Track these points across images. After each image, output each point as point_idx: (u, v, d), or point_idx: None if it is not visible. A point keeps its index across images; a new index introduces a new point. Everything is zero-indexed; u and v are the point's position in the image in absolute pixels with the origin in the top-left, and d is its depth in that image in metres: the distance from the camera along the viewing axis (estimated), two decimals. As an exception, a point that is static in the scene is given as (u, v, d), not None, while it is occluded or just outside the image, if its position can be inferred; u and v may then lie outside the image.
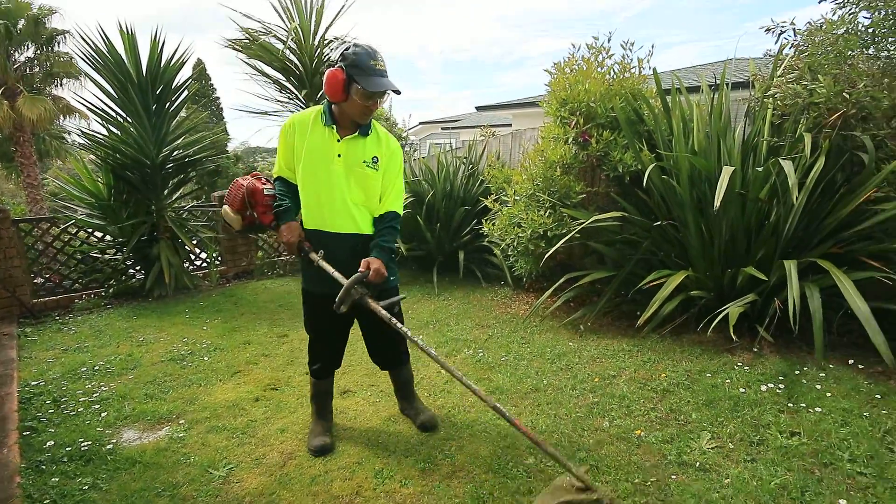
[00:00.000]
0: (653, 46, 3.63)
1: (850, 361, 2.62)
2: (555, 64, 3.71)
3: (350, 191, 1.95)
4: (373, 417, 2.39)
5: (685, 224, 3.12)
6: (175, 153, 5.04)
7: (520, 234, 3.71)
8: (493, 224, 4.07)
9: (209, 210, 5.52)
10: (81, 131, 4.81)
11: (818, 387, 2.40)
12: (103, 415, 2.51)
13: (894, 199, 2.51)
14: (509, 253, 4.01)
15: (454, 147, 6.78)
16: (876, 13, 2.68)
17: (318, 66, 5.37)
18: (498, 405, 1.71)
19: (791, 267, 2.50)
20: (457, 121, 20.99)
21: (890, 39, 2.69)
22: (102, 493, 1.90)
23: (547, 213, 3.59)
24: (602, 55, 3.56)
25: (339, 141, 1.93)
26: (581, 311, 3.63)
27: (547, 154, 3.68)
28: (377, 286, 1.89)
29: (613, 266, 3.64)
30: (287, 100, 5.67)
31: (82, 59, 4.49)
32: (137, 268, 5.06)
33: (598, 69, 3.56)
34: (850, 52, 2.66)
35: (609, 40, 3.56)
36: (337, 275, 1.87)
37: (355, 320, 2.17)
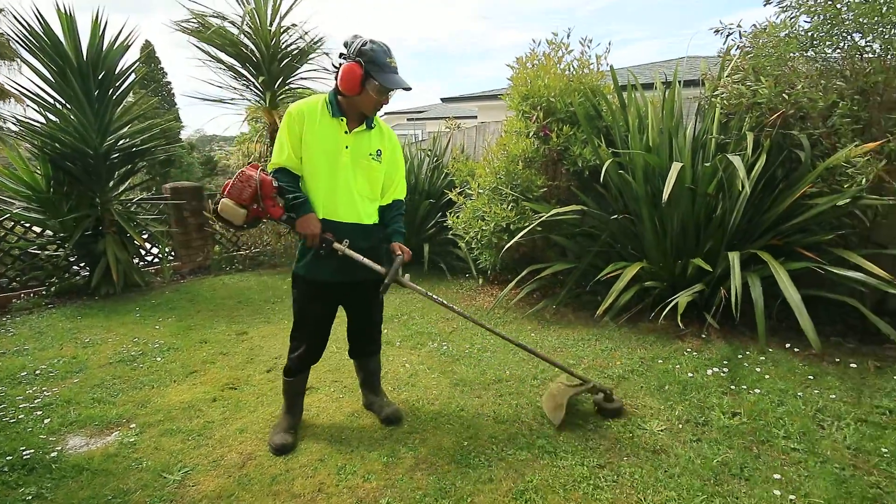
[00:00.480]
0: (609, 43, 3.73)
1: (787, 345, 2.82)
2: (516, 59, 3.74)
3: (357, 182, 1.99)
4: (336, 414, 2.37)
5: (640, 217, 3.25)
6: (121, 142, 4.75)
7: (483, 228, 3.75)
8: (458, 217, 4.10)
9: (160, 202, 5.25)
10: (16, 118, 4.44)
11: (758, 370, 2.57)
12: (46, 421, 2.37)
13: (827, 194, 2.70)
14: (473, 246, 4.06)
15: (420, 139, 6.74)
16: (815, 17, 2.86)
17: (275, 52, 5.18)
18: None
19: (734, 258, 2.65)
20: (423, 112, 20.85)
21: (827, 43, 2.88)
22: (47, 502, 1.80)
23: (509, 207, 3.65)
24: (561, 51, 3.63)
25: (346, 133, 1.95)
26: (543, 303, 3.73)
27: (509, 148, 3.72)
28: (363, 272, 1.99)
29: (574, 258, 3.75)
30: (243, 87, 5.45)
31: (16, 40, 4.14)
32: (81, 264, 4.76)
33: (558, 65, 3.62)
34: (790, 55, 2.83)
35: (568, 36, 3.63)
36: (369, 262, 1.95)
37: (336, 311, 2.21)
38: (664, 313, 2.92)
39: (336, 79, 1.88)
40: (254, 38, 5.09)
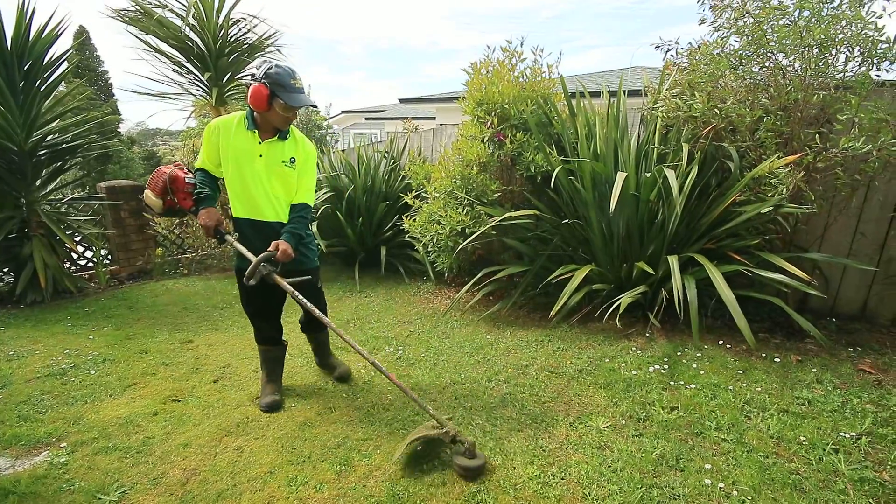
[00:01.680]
0: (560, 53, 3.87)
1: (721, 342, 3.03)
2: (471, 64, 3.79)
3: (271, 185, 2.29)
4: (287, 423, 2.31)
5: (589, 222, 3.39)
6: (49, 137, 4.40)
7: (439, 231, 3.77)
8: (414, 220, 4.10)
9: (94, 202, 4.90)
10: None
11: (694, 366, 2.75)
12: (-39, 444, 2.16)
13: (754, 202, 2.93)
14: (430, 249, 4.07)
15: (377, 140, 6.68)
16: (744, 38, 3.09)
17: (223, 46, 4.97)
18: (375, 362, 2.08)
19: (673, 261, 2.82)
20: (381, 111, 20.65)
21: (754, 61, 3.12)
22: (-40, 535, 1.65)
23: (465, 211, 3.69)
24: (515, 59, 3.71)
25: (260, 143, 2.26)
26: (499, 305, 3.81)
27: (464, 152, 3.77)
28: (286, 265, 2.24)
29: (528, 261, 3.85)
30: (188, 82, 5.19)
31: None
32: (5, 270, 4.38)
33: (512, 72, 3.71)
34: (721, 72, 3.04)
35: (521, 44, 3.72)
36: (247, 253, 2.23)
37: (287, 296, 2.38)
38: (609, 313, 3.06)
39: (246, 97, 2.20)
40: (199, 31, 4.86)
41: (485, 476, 1.89)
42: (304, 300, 2.21)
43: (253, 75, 2.20)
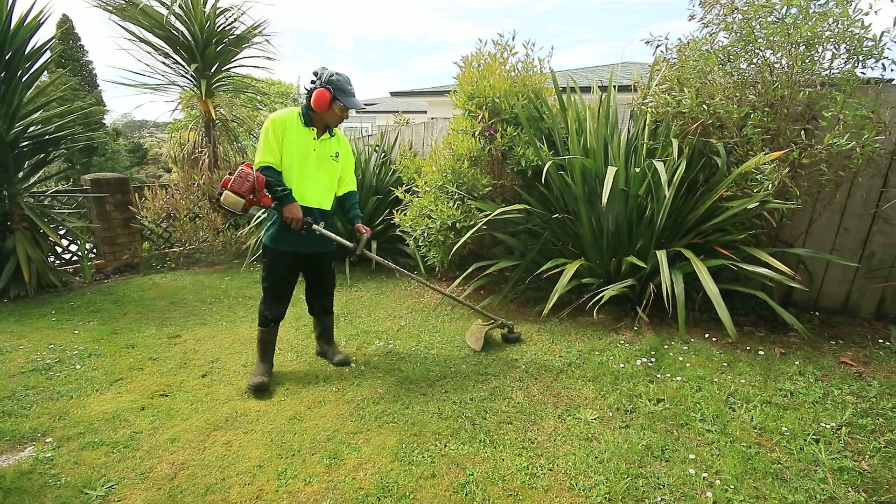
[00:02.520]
0: (552, 48, 3.86)
1: (706, 335, 3.08)
2: (463, 58, 3.78)
3: (321, 177, 2.60)
4: (276, 417, 2.31)
5: (579, 217, 3.41)
6: (32, 128, 4.31)
7: (430, 226, 3.77)
8: (405, 215, 4.09)
9: (79, 195, 4.82)
10: None
11: (681, 358, 2.79)
12: (-57, 440, 2.13)
13: (741, 197, 2.97)
14: (421, 243, 4.07)
15: (368, 133, 6.63)
16: (732, 34, 3.12)
17: (210, 36, 4.89)
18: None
19: (662, 256, 2.85)
20: (372, 105, 20.48)
21: (742, 58, 3.15)
22: (-57, 532, 1.63)
23: (455, 205, 3.69)
24: (506, 53, 3.70)
25: (314, 139, 2.53)
26: (490, 299, 3.82)
27: (455, 146, 3.76)
28: (322, 245, 2.63)
29: (519, 255, 3.86)
30: (174, 73, 5.10)
31: None
32: (-14, 263, 4.29)
33: (503, 66, 3.70)
34: (710, 68, 3.06)
35: (513, 38, 3.71)
36: (341, 240, 2.61)
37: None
38: (598, 307, 3.09)
39: (308, 99, 2.46)
40: (185, 20, 4.77)
41: (478, 465, 1.91)
42: (395, 267, 2.88)
43: (313, 81, 2.48)
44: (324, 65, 2.50)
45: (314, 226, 2.51)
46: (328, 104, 2.42)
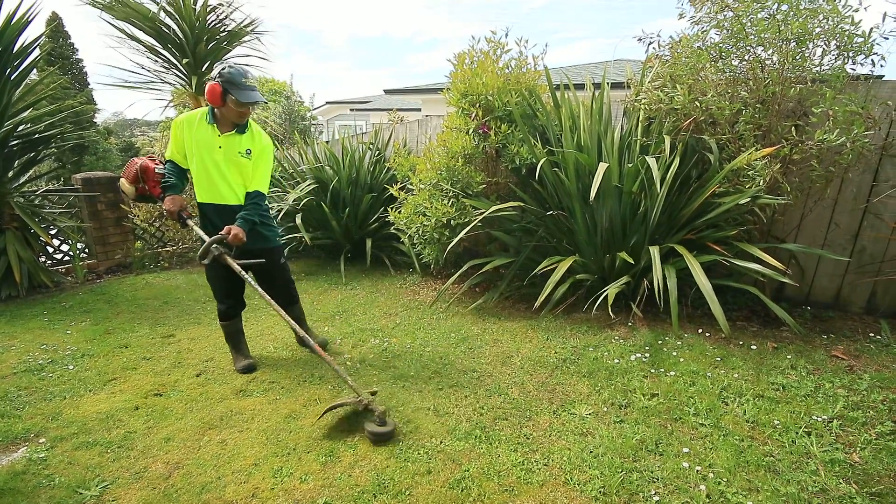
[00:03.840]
0: (546, 45, 3.86)
1: (700, 331, 3.10)
2: (456, 55, 3.77)
3: (230, 173, 2.59)
4: (272, 416, 2.31)
5: (573, 214, 3.42)
6: (21, 127, 4.26)
7: (424, 223, 3.77)
8: (400, 212, 4.09)
9: (69, 194, 4.77)
10: None
11: (675, 353, 2.81)
12: (-67, 442, 2.11)
13: (733, 193, 2.98)
14: (415, 241, 4.07)
15: (363, 131, 6.62)
16: (723, 31, 3.13)
17: (201, 33, 4.85)
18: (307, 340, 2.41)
19: (654, 252, 2.87)
20: (366, 102, 20.42)
21: (734, 54, 3.16)
22: (-66, 534, 1.62)
23: (450, 203, 3.69)
24: (499, 50, 3.70)
25: (219, 136, 2.55)
26: (485, 296, 3.83)
27: (449, 144, 3.76)
28: (247, 246, 2.59)
29: (514, 253, 3.87)
30: (165, 70, 5.06)
31: None
32: (-24, 264, 4.24)
33: (496, 64, 3.69)
34: (702, 65, 3.08)
35: (506, 35, 3.71)
36: (203, 235, 2.59)
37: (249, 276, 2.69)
38: (596, 304, 3.11)
39: (204, 95, 2.60)
40: (176, 17, 4.73)
41: (473, 461, 1.92)
42: (249, 279, 2.58)
43: (210, 76, 2.57)
44: (233, 66, 2.52)
45: (188, 221, 2.64)
46: (220, 98, 2.43)
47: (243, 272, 2.54)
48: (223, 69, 2.48)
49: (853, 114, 2.68)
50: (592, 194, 2.76)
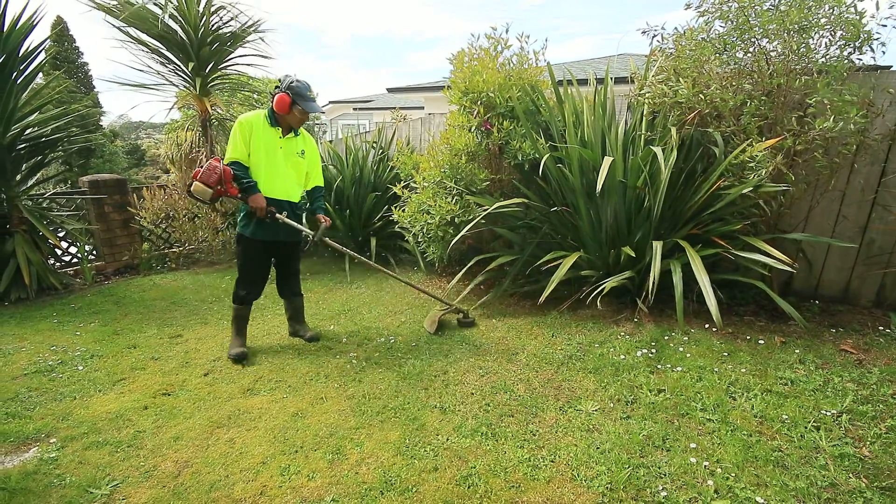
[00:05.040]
0: (546, 40, 3.84)
1: (706, 326, 3.08)
2: (456, 53, 3.76)
3: (287, 171, 2.90)
4: (279, 415, 2.32)
5: (577, 209, 3.40)
6: (28, 131, 4.30)
7: (429, 221, 3.77)
8: (403, 211, 4.09)
9: (77, 197, 4.81)
10: None
11: (681, 349, 2.79)
12: (-52, 443, 2.14)
13: (738, 186, 2.96)
14: (420, 239, 4.07)
15: (366, 129, 6.62)
16: (728, 23, 3.10)
17: (205, 35, 4.86)
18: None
19: (657, 247, 2.85)
20: (369, 101, 20.43)
21: (739, 46, 3.13)
22: (-51, 533, 1.64)
23: (454, 200, 3.69)
24: (500, 46, 3.68)
25: (280, 138, 2.84)
26: (490, 294, 3.82)
27: (452, 142, 3.75)
28: (290, 233, 2.92)
29: (518, 250, 3.86)
30: (170, 72, 5.08)
31: None
32: (-14, 267, 4.30)
33: (496, 60, 3.68)
34: (706, 58, 3.05)
35: (507, 31, 3.69)
36: (301, 227, 2.89)
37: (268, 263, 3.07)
38: (598, 299, 3.10)
39: (272, 103, 2.76)
40: (179, 20, 4.75)
41: (479, 458, 1.92)
42: (351, 252, 3.22)
43: (277, 87, 2.79)
44: (299, 79, 2.78)
45: (277, 215, 2.78)
46: (288, 108, 2.73)
47: (347, 250, 3.18)
48: (291, 82, 2.73)
49: (848, 103, 2.66)
50: (599, 187, 2.74)
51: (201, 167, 2.70)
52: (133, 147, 19.19)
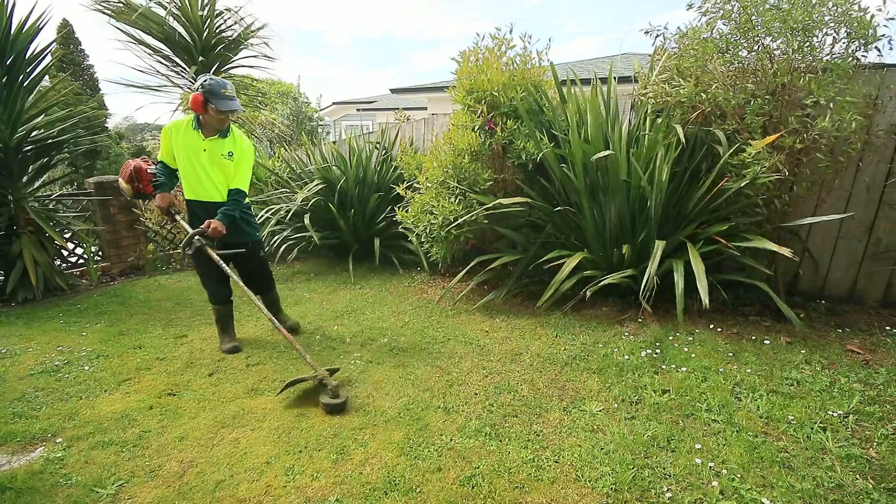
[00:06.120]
0: (550, 40, 3.84)
1: (711, 326, 3.07)
2: (461, 52, 3.76)
3: (214, 173, 2.89)
4: (283, 415, 2.33)
5: (581, 209, 3.39)
6: (35, 133, 4.33)
7: (432, 221, 3.76)
8: (407, 211, 4.09)
9: (83, 198, 4.85)
10: None
11: (685, 349, 2.78)
12: (-44, 442, 2.16)
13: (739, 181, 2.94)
14: (423, 240, 4.07)
15: (370, 130, 6.63)
16: (731, 22, 3.08)
17: (208, 38, 4.89)
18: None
19: (659, 246, 2.84)
20: (372, 102, 20.45)
21: (742, 44, 3.11)
22: (-43, 531, 1.66)
23: (457, 200, 3.69)
24: (504, 46, 3.68)
25: (204, 140, 2.84)
26: (493, 294, 3.82)
27: (455, 142, 3.75)
28: (229, 238, 2.89)
29: (522, 249, 3.85)
30: (174, 73, 5.11)
31: None
32: (-6, 268, 4.34)
33: (500, 59, 3.68)
34: (709, 57, 3.03)
35: (511, 31, 3.69)
36: (187, 227, 2.90)
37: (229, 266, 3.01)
38: (603, 300, 3.09)
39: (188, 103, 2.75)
40: (183, 23, 4.78)
41: (483, 458, 1.92)
42: (228, 270, 2.86)
43: (196, 88, 2.76)
44: (214, 77, 2.76)
45: (175, 217, 2.94)
46: (202, 106, 2.72)
47: (222, 262, 2.82)
48: (205, 80, 2.72)
49: (850, 103, 2.64)
50: (594, 158, 2.72)
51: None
52: (138, 149, 19.28)
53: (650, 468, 1.84)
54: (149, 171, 2.95)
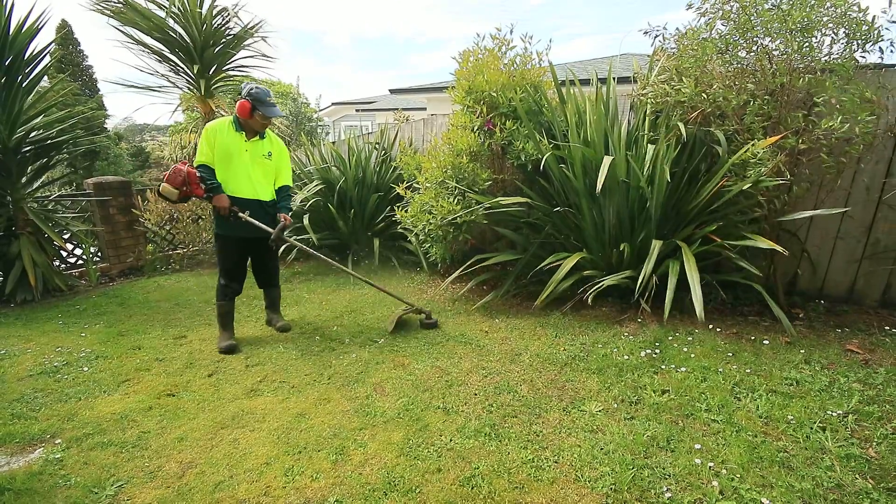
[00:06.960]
0: (550, 40, 3.85)
1: (710, 326, 3.07)
2: (461, 53, 3.77)
3: (254, 172, 3.09)
4: (283, 415, 2.32)
5: (580, 209, 3.40)
6: (34, 134, 4.33)
7: (431, 221, 3.77)
8: (406, 211, 4.09)
9: (82, 199, 4.84)
10: None
11: (685, 349, 2.78)
12: (-46, 443, 2.15)
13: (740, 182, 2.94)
14: (422, 240, 4.07)
15: (369, 130, 6.63)
16: (730, 22, 3.08)
17: (208, 37, 4.89)
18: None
19: (656, 246, 2.84)
20: (371, 102, 20.44)
21: (741, 45, 3.12)
22: (-44, 533, 1.65)
23: (456, 200, 3.69)
24: (504, 47, 3.69)
25: (245, 141, 3.04)
26: (492, 294, 3.82)
27: (455, 142, 3.75)
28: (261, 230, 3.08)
29: (521, 250, 3.85)
30: (174, 74, 5.11)
31: None
32: (-7, 269, 4.33)
33: (501, 60, 3.68)
34: (708, 57, 3.04)
35: (511, 32, 3.70)
36: (263, 226, 3.03)
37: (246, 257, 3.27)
38: (602, 300, 3.09)
39: (235, 108, 2.98)
40: (183, 22, 4.78)
41: (483, 458, 1.92)
42: (297, 243, 3.35)
43: (239, 93, 2.99)
44: (258, 86, 2.98)
45: (240, 214, 2.99)
46: (249, 113, 2.93)
47: (297, 243, 3.35)
48: (251, 89, 2.93)
49: (865, 101, 2.64)
50: (599, 187, 2.74)
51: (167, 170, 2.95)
52: (137, 149, 19.27)
53: (650, 468, 1.84)
54: (197, 174, 2.96)
